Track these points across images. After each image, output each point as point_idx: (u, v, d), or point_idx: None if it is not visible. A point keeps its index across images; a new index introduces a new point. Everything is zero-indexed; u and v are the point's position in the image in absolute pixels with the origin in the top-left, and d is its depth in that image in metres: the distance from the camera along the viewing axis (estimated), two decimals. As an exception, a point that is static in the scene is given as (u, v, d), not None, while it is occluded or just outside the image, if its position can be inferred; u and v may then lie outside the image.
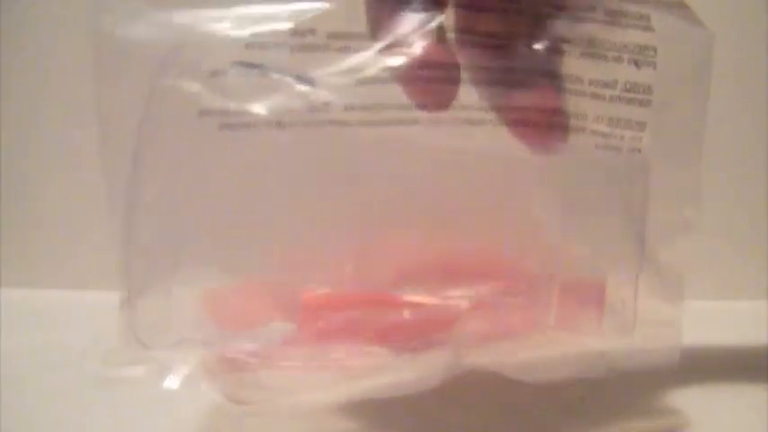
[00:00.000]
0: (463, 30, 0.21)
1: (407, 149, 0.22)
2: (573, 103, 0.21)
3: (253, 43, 0.20)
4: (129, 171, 0.20)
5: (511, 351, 0.29)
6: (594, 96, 0.21)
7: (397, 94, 0.21)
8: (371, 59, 0.20)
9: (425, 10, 0.20)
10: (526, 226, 0.24)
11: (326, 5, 0.20)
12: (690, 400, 0.24)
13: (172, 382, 0.21)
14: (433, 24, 0.20)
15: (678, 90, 0.22)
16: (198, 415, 0.23)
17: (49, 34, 0.44)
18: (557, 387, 0.26)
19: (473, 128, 0.21)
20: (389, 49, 0.20)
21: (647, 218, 0.23)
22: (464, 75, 0.21)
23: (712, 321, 0.36)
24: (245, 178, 0.21)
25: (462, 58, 0.20)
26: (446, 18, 0.20)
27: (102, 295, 0.42)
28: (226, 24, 0.20)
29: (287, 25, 0.20)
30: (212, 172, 0.21)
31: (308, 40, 0.20)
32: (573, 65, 0.21)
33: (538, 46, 0.20)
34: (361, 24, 0.20)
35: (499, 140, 0.21)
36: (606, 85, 0.21)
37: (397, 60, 0.20)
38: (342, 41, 0.20)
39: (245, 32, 0.20)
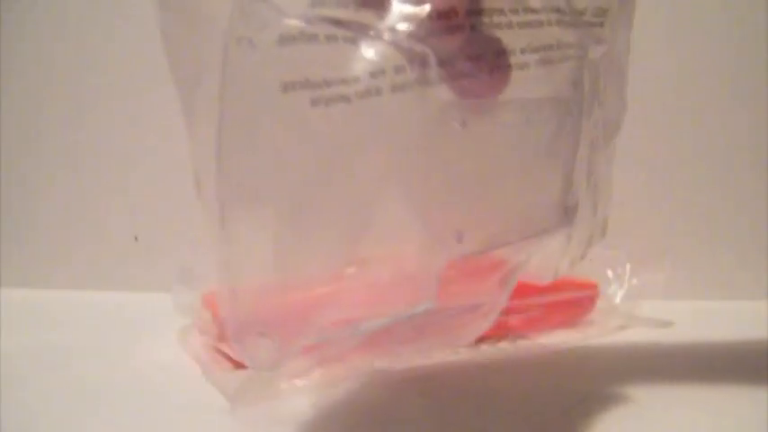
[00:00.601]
0: None
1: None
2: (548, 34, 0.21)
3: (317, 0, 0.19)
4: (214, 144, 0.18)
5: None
6: (571, 25, 0.22)
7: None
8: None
9: None
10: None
11: None
12: (690, 400, 0.24)
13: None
14: None
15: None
16: (198, 415, 0.23)
17: (49, 34, 0.44)
18: (556, 389, 0.26)
19: None
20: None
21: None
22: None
23: (712, 321, 0.36)
24: (348, 154, 0.19)
25: None
26: None
27: (102, 295, 0.42)
28: None
29: None
30: (308, 150, 0.18)
31: None
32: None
33: None
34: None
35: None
36: (581, 12, 0.22)
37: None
38: None
39: None
